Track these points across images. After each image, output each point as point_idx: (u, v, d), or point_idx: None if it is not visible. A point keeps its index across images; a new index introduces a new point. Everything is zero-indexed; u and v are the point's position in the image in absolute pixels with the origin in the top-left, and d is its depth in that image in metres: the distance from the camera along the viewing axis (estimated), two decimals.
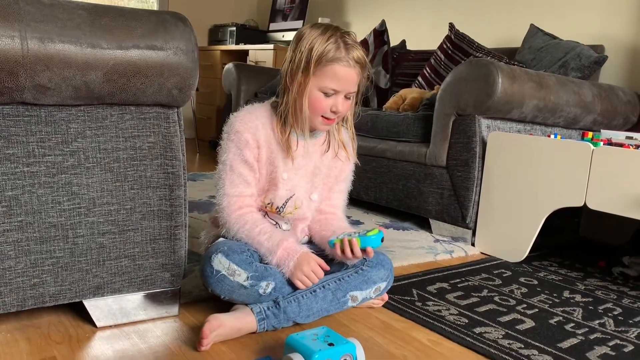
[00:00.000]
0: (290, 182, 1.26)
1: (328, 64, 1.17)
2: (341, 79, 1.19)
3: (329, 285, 1.20)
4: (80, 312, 1.16)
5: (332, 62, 1.17)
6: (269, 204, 1.27)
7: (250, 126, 1.22)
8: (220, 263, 1.14)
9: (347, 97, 1.22)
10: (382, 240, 1.19)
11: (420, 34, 3.51)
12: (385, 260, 1.28)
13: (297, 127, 1.24)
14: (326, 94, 1.20)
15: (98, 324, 1.12)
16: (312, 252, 1.22)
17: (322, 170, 1.31)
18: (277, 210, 1.27)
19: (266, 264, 1.20)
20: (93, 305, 1.11)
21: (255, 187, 1.25)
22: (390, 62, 3.13)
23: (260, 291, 1.16)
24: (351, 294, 1.22)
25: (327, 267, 1.21)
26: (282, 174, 1.25)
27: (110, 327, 1.13)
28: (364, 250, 1.18)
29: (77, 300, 1.09)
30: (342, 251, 1.19)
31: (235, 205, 1.22)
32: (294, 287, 1.19)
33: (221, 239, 1.25)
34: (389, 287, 1.30)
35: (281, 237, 1.21)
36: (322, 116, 1.22)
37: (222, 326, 1.08)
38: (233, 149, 1.22)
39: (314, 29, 1.20)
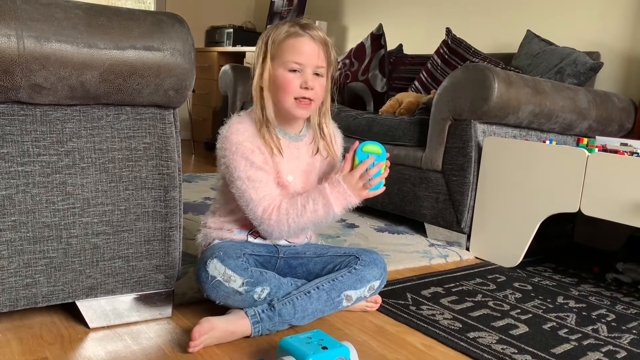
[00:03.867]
0: (296, 184, 1.25)
1: (285, 39, 1.17)
2: (302, 51, 1.16)
3: (323, 285, 1.20)
4: (73, 313, 1.16)
5: (288, 37, 1.17)
6: None
7: (247, 135, 1.19)
8: (215, 269, 1.13)
9: (317, 74, 1.19)
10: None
11: (417, 39, 3.52)
12: (378, 259, 1.28)
13: (275, 123, 1.21)
14: (292, 70, 1.17)
15: (91, 325, 1.12)
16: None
17: (315, 167, 1.29)
18: None
19: (259, 265, 1.20)
20: (86, 306, 1.11)
21: (276, 186, 1.22)
22: (387, 66, 3.13)
23: (255, 296, 1.15)
24: (345, 293, 1.22)
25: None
26: (287, 177, 1.24)
27: (103, 328, 1.13)
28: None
29: (70, 300, 1.09)
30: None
31: (270, 208, 1.17)
32: (288, 291, 1.19)
33: (217, 242, 1.24)
34: (383, 285, 1.29)
35: (318, 192, 1.17)
36: (295, 98, 1.18)
37: (214, 329, 1.08)
38: (242, 161, 1.17)
39: (272, 25, 1.22)
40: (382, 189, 1.18)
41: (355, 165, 1.17)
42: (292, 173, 1.25)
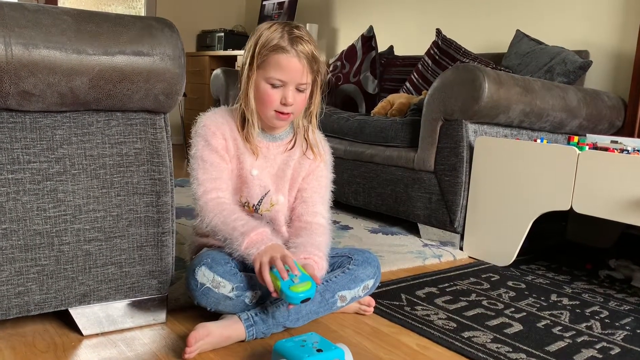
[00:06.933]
0: (261, 179, 1.24)
1: (270, 53, 1.16)
2: (285, 69, 1.16)
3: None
4: (66, 321, 1.15)
5: (274, 52, 1.16)
6: (245, 203, 1.25)
7: (216, 121, 1.23)
8: (204, 276, 1.12)
9: (299, 90, 1.20)
10: (303, 301, 1.05)
11: (408, 40, 3.53)
12: (372, 258, 1.27)
13: (254, 123, 1.22)
14: (273, 85, 1.18)
15: (84, 332, 1.11)
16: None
17: (286, 173, 1.28)
18: (254, 208, 1.26)
19: (249, 270, 1.17)
20: (79, 314, 1.10)
21: (228, 178, 1.23)
22: (378, 67, 3.14)
23: (247, 301, 1.15)
24: (340, 294, 1.22)
25: (296, 272, 1.07)
26: (252, 170, 1.23)
27: (96, 335, 1.12)
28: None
29: (62, 308, 1.08)
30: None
31: (212, 193, 1.19)
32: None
33: (205, 250, 1.23)
34: (377, 284, 1.29)
35: (259, 224, 1.16)
36: (275, 110, 1.19)
37: (210, 335, 1.07)
38: (201, 141, 1.22)
39: (266, 23, 1.20)
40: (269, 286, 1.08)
41: (273, 280, 1.06)
42: (257, 168, 1.25)
